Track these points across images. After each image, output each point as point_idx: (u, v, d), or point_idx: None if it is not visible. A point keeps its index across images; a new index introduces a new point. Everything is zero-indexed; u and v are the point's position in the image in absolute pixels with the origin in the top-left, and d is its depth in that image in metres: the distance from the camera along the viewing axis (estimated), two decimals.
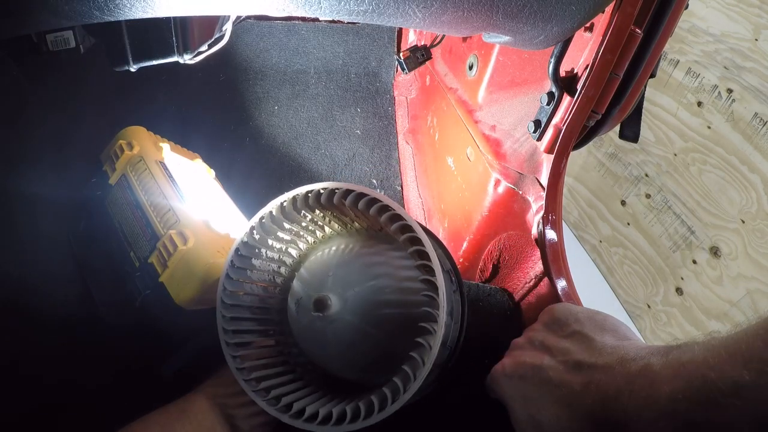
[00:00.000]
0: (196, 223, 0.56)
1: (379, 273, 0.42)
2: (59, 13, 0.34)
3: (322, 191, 0.44)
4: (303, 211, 0.46)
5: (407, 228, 0.40)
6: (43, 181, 0.61)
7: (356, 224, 0.48)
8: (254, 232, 0.46)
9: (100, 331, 0.58)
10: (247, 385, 0.42)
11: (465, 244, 0.74)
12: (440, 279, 0.38)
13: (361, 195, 0.42)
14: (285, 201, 0.45)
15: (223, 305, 0.44)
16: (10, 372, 0.52)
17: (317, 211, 0.46)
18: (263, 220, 0.46)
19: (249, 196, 0.79)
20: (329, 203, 0.44)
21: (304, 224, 0.47)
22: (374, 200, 0.42)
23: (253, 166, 0.99)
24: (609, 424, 0.30)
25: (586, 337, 0.36)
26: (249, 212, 0.74)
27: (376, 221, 0.44)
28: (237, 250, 0.46)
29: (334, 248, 0.46)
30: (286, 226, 0.47)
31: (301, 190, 0.44)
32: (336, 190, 0.43)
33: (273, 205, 0.45)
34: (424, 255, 0.39)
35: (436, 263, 0.38)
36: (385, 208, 0.41)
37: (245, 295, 0.47)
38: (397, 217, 0.41)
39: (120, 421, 0.42)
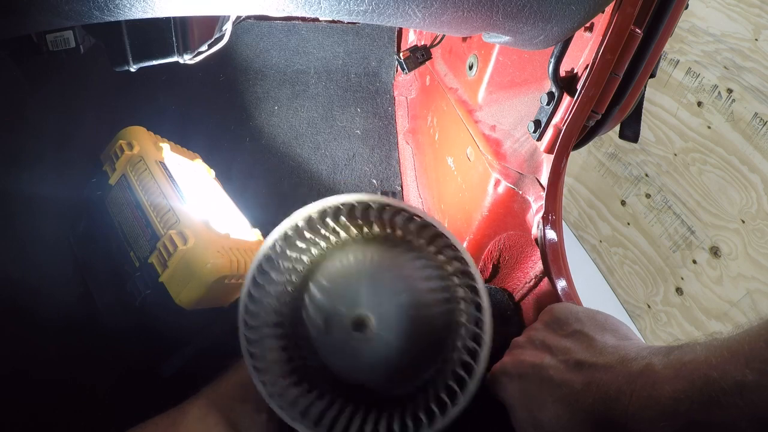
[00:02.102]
0: (196, 223, 0.56)
1: (410, 286, 0.41)
2: (59, 13, 0.34)
3: (356, 204, 0.42)
4: (328, 221, 0.44)
5: (443, 236, 0.40)
6: (43, 181, 0.61)
7: (375, 229, 0.46)
8: (278, 246, 0.43)
9: (101, 332, 0.58)
10: (274, 402, 0.40)
11: (465, 244, 0.74)
12: (481, 283, 0.38)
13: (400, 210, 0.41)
14: (313, 214, 0.42)
15: (246, 327, 0.42)
16: (9, 372, 0.52)
17: (341, 220, 0.44)
18: (288, 234, 0.43)
19: (249, 196, 0.79)
20: (364, 217, 0.43)
21: (323, 233, 0.45)
22: (414, 216, 0.41)
23: (253, 166, 0.99)
24: (609, 423, 0.30)
25: (586, 336, 0.36)
26: (249, 212, 0.74)
27: (403, 230, 0.43)
28: (260, 266, 0.43)
29: (353, 257, 0.44)
30: (307, 236, 0.44)
31: (330, 202, 0.42)
32: (372, 204, 0.41)
33: (299, 218, 0.43)
34: (462, 261, 0.40)
35: (475, 270, 0.39)
36: (427, 224, 0.41)
37: (262, 311, 0.45)
38: (435, 230, 0.40)
39: (120, 421, 0.42)
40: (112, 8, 0.34)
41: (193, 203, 0.59)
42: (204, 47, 0.52)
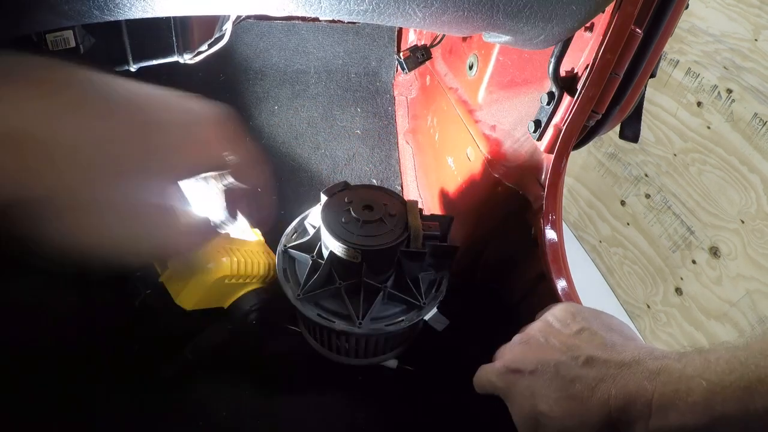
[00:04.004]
0: None
1: None
2: (59, 13, 0.34)
3: None
4: None
5: None
6: None
7: None
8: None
9: (100, 332, 0.58)
10: None
11: (465, 244, 0.74)
12: None
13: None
14: None
15: None
16: (8, 373, 0.52)
17: None
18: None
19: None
20: None
21: None
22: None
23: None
24: (627, 419, 0.30)
25: (595, 334, 0.36)
26: None
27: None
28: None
29: None
30: None
31: None
32: None
33: None
34: None
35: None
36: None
37: None
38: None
39: (119, 421, 0.42)
40: (112, 8, 0.34)
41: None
42: (204, 47, 0.52)
